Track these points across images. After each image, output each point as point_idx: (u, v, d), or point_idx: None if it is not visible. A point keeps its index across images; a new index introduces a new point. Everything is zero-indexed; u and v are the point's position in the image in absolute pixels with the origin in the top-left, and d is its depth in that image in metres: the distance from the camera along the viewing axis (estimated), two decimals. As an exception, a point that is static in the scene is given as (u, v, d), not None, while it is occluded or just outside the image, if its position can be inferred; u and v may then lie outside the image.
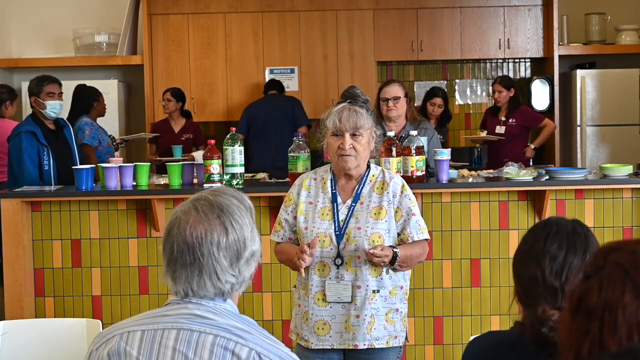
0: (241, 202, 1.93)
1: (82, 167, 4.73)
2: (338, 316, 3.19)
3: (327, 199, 3.23)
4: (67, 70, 8.02)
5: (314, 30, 8.03)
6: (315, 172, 3.37)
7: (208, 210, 1.87)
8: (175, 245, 1.86)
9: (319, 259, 3.18)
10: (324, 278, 3.19)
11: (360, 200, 3.21)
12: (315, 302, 3.21)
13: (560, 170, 4.93)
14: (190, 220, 1.85)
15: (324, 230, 3.18)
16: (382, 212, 3.18)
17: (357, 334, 3.17)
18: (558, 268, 1.93)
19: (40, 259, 4.80)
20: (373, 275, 3.18)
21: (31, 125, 5.25)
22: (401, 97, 5.01)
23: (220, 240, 1.85)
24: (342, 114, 3.16)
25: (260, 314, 4.80)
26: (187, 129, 7.45)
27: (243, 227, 1.88)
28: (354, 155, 3.16)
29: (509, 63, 8.49)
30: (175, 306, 1.89)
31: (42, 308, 4.81)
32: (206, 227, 1.85)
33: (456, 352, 4.77)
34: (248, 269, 1.90)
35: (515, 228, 4.75)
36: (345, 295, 3.17)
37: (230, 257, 1.86)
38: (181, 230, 1.85)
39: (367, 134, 3.19)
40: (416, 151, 4.50)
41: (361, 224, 3.17)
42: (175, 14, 8.00)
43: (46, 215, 4.78)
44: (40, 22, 8.27)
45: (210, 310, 1.86)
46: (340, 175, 3.25)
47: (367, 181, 3.24)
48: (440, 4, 8.01)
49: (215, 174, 4.60)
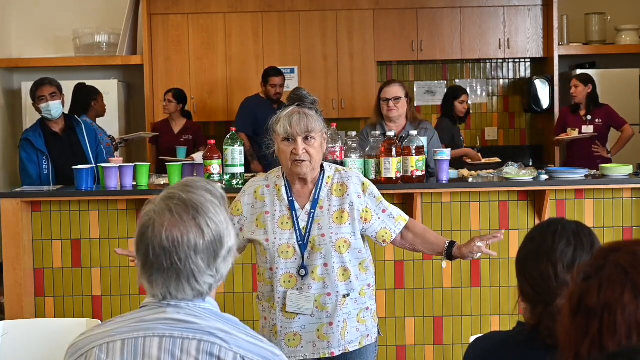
0: (214, 195, 1.86)
1: (82, 167, 4.73)
2: (308, 325, 3.10)
3: (284, 207, 3.10)
4: (67, 70, 8.02)
5: (314, 30, 8.03)
6: (266, 178, 3.21)
7: (183, 212, 1.79)
8: (150, 249, 1.78)
9: (284, 270, 3.08)
10: (290, 289, 3.09)
11: (319, 205, 3.09)
12: (283, 314, 3.11)
13: (560, 170, 4.93)
14: (165, 223, 1.78)
15: (285, 241, 3.06)
16: (345, 216, 3.09)
17: (332, 342, 3.10)
18: (569, 262, 1.94)
19: (40, 259, 4.80)
20: (342, 280, 3.09)
21: (33, 131, 5.32)
22: (402, 97, 5.02)
23: (197, 242, 1.78)
24: (292, 118, 3.04)
25: (260, 314, 4.79)
26: (187, 130, 7.45)
27: (219, 225, 1.82)
28: (308, 160, 3.04)
29: (509, 63, 8.49)
30: (153, 310, 1.82)
31: (42, 308, 4.81)
32: (182, 230, 1.77)
33: (456, 352, 4.77)
34: (226, 266, 1.84)
35: (515, 228, 4.74)
36: (306, 308, 3.07)
37: (208, 258, 1.80)
38: (156, 234, 1.77)
39: (319, 137, 3.06)
40: (416, 151, 4.50)
41: (324, 231, 3.06)
42: (175, 14, 8.00)
43: (46, 215, 4.78)
44: (40, 22, 8.27)
45: (190, 313, 1.80)
46: (295, 180, 3.12)
47: (323, 184, 3.12)
48: (440, 4, 8.01)
49: (215, 174, 4.60)
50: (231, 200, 2.40)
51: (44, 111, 5.27)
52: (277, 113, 3.14)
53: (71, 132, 5.41)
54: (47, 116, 5.28)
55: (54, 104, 5.28)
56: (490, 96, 8.51)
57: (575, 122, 7.04)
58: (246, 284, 4.80)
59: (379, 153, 4.50)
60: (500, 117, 8.53)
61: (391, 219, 3.17)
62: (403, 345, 4.74)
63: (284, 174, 3.15)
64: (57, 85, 5.36)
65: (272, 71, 7.25)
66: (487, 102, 8.51)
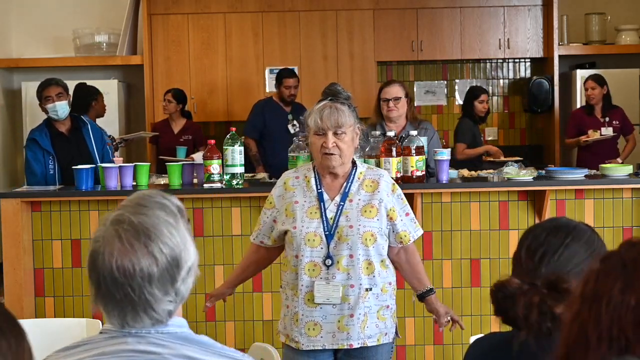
0: (169, 212, 1.72)
1: (82, 167, 4.73)
2: (329, 316, 3.14)
3: (313, 198, 3.17)
4: (67, 70, 8.01)
5: (314, 30, 8.03)
6: (296, 170, 3.31)
7: (133, 238, 1.65)
8: (101, 279, 1.65)
9: (309, 258, 3.13)
10: (314, 278, 3.13)
11: (349, 198, 3.16)
12: (305, 302, 3.15)
13: (560, 170, 4.93)
14: (114, 252, 1.64)
15: (313, 230, 3.12)
16: (373, 211, 3.15)
17: (352, 333, 3.14)
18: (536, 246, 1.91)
19: (40, 259, 4.80)
20: (366, 274, 3.14)
21: (39, 131, 5.32)
22: (402, 98, 5.02)
23: (151, 271, 1.64)
24: (323, 112, 3.11)
25: (260, 314, 4.80)
26: (187, 130, 7.45)
27: (174, 249, 1.67)
28: (338, 154, 3.10)
29: (509, 63, 8.49)
30: (114, 340, 1.70)
31: (42, 308, 4.81)
32: (133, 260, 1.64)
33: (456, 352, 4.77)
34: (186, 287, 1.71)
35: (515, 228, 4.74)
36: (334, 297, 3.11)
37: (164, 285, 1.66)
38: (106, 263, 1.64)
39: (350, 131, 3.13)
40: (416, 151, 4.50)
41: (352, 222, 3.12)
42: (175, 14, 8.00)
43: (46, 215, 4.78)
44: (40, 22, 8.27)
45: (153, 341, 1.68)
46: (325, 173, 3.19)
47: (354, 179, 3.19)
48: (440, 4, 8.01)
49: (215, 174, 4.60)
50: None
51: (51, 111, 5.27)
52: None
53: (77, 133, 5.41)
54: (53, 116, 5.29)
55: (61, 105, 5.28)
56: (490, 96, 8.51)
57: (593, 124, 6.96)
58: (246, 283, 4.80)
59: (379, 153, 4.50)
60: (500, 117, 8.53)
61: (412, 223, 3.26)
62: (403, 345, 4.74)
63: (315, 167, 3.22)
64: (64, 86, 5.38)
65: (286, 72, 7.14)
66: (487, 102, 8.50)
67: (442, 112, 8.54)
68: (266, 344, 3.01)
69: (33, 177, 5.25)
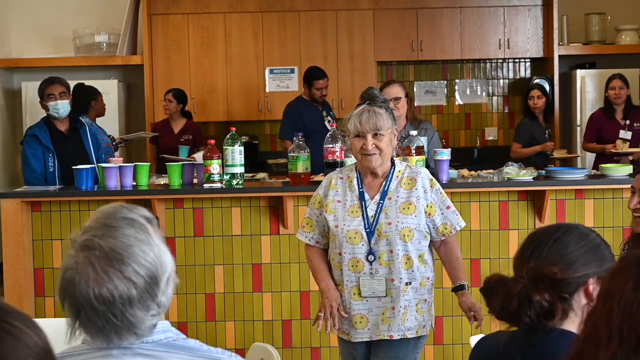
0: (138, 227, 1.68)
1: (82, 167, 4.73)
2: (374, 309, 3.31)
3: (354, 197, 3.33)
4: (67, 70, 8.00)
5: (314, 30, 8.03)
6: (340, 171, 3.48)
7: (107, 266, 1.61)
8: (80, 309, 1.62)
9: (351, 255, 3.29)
10: (358, 274, 3.29)
11: (388, 196, 3.31)
12: (351, 296, 3.31)
13: (560, 170, 4.93)
14: (90, 282, 1.61)
15: (354, 228, 3.28)
16: (412, 207, 3.29)
17: (393, 325, 3.29)
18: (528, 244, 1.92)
19: (40, 259, 4.80)
20: (405, 268, 3.28)
21: (39, 127, 5.31)
22: (402, 98, 5.01)
23: (130, 294, 1.62)
24: (362, 116, 3.26)
25: (260, 314, 4.80)
26: (187, 130, 7.44)
27: (150, 268, 1.65)
28: (378, 153, 3.26)
29: (509, 63, 8.49)
30: (98, 353, 1.68)
31: (42, 308, 4.81)
32: (110, 287, 1.61)
33: (456, 352, 4.78)
34: (167, 296, 1.69)
35: (515, 228, 4.74)
36: (379, 290, 3.28)
37: (145, 303, 1.64)
38: (83, 294, 1.61)
39: (389, 133, 3.28)
40: (416, 151, 4.50)
41: (391, 219, 3.27)
42: (175, 14, 8.00)
43: (46, 215, 4.79)
44: (40, 22, 8.27)
45: (139, 352, 1.67)
46: (367, 173, 3.35)
47: (393, 177, 3.34)
48: (440, 4, 8.01)
49: (215, 174, 4.60)
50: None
51: (52, 109, 5.27)
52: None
53: (75, 133, 5.42)
54: (54, 114, 5.29)
55: (62, 103, 5.29)
56: (490, 96, 8.51)
57: (613, 127, 6.68)
58: (246, 283, 4.80)
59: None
60: (500, 117, 8.53)
61: (454, 216, 3.38)
62: (403, 345, 4.74)
63: (357, 168, 3.39)
64: (67, 86, 5.40)
65: (316, 74, 6.87)
66: (487, 102, 8.50)
67: (442, 112, 8.54)
68: (266, 344, 3.01)
69: (32, 174, 5.23)
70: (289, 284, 4.79)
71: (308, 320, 4.77)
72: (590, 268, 1.85)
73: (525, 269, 1.86)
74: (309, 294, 4.78)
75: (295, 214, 4.75)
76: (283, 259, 4.80)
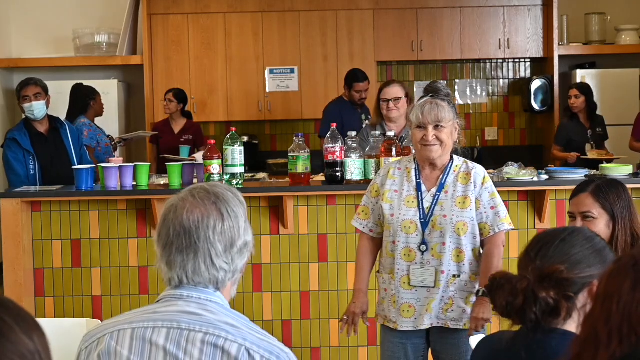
0: (235, 195, 1.95)
1: (82, 167, 4.73)
2: (422, 299, 3.34)
3: (411, 188, 3.37)
4: (67, 70, 8.02)
5: (314, 30, 8.03)
6: (399, 162, 3.52)
7: (205, 197, 1.89)
8: (171, 230, 1.87)
9: (404, 244, 3.33)
10: (410, 263, 3.34)
11: (444, 189, 3.35)
12: (401, 285, 3.36)
13: (560, 170, 4.93)
14: (187, 206, 1.88)
15: (410, 218, 3.33)
16: (467, 202, 3.33)
17: (440, 315, 3.34)
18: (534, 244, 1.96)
19: (40, 259, 4.80)
20: (455, 261, 3.32)
21: (18, 131, 5.33)
22: (402, 98, 5.02)
23: (217, 225, 1.87)
24: (424, 108, 3.31)
25: (260, 314, 4.80)
26: (187, 130, 7.44)
27: (238, 216, 1.90)
28: (439, 144, 3.30)
29: (509, 63, 8.49)
30: (166, 303, 1.88)
31: (42, 308, 4.81)
32: (202, 211, 1.87)
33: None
34: (241, 259, 1.91)
35: (515, 228, 4.73)
36: (428, 280, 3.32)
37: (225, 243, 1.87)
38: (178, 215, 1.87)
39: (450, 126, 3.32)
40: (416, 151, 4.50)
41: (447, 212, 3.31)
42: (175, 14, 8.00)
43: (46, 215, 4.78)
44: (40, 22, 8.27)
45: (201, 307, 1.86)
46: (425, 165, 3.39)
47: (451, 171, 3.38)
48: (440, 4, 8.01)
49: (215, 174, 4.60)
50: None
51: (27, 111, 5.29)
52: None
53: (56, 133, 5.42)
54: (30, 116, 5.31)
55: (37, 105, 5.29)
56: (490, 96, 8.51)
57: None
58: (246, 284, 4.80)
59: (379, 153, 4.50)
60: (500, 117, 8.53)
61: (496, 217, 3.37)
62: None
63: (415, 159, 3.43)
64: (43, 86, 5.37)
65: (356, 77, 6.71)
66: (487, 102, 8.50)
67: (442, 112, 8.52)
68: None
69: (16, 178, 5.25)
70: (289, 284, 4.79)
71: (308, 320, 4.78)
72: (595, 270, 1.88)
73: (531, 267, 1.88)
74: (309, 294, 4.79)
75: (295, 214, 4.75)
76: (283, 259, 4.80)
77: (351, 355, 4.80)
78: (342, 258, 4.78)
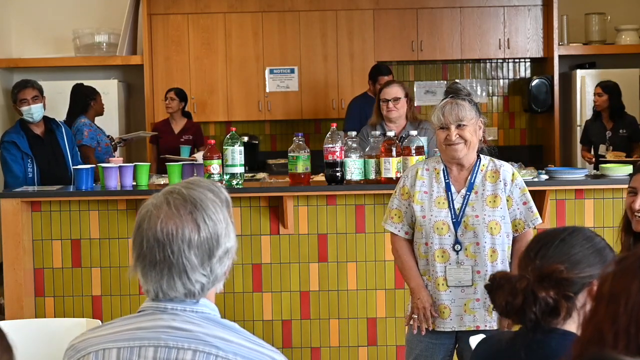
0: (217, 195, 1.83)
1: (82, 167, 4.73)
2: (457, 300, 3.35)
3: (441, 189, 3.37)
4: (67, 70, 8.02)
5: (314, 30, 8.03)
6: (426, 162, 3.49)
7: (180, 205, 1.77)
8: (145, 241, 1.76)
9: (438, 245, 3.33)
10: (445, 264, 3.33)
11: (474, 190, 3.35)
12: (436, 287, 3.35)
13: (560, 170, 4.93)
14: (161, 216, 1.76)
15: (442, 219, 3.33)
16: (498, 200, 3.33)
17: (478, 316, 3.33)
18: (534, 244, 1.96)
19: (40, 259, 4.80)
20: (490, 261, 3.31)
21: (16, 133, 5.33)
22: (401, 98, 5.01)
23: (192, 237, 1.75)
24: (445, 108, 3.32)
25: (260, 314, 4.80)
26: (188, 130, 7.44)
27: (217, 224, 1.78)
28: (463, 143, 3.29)
29: (509, 63, 8.49)
30: (150, 317, 1.79)
31: (42, 308, 4.81)
32: (177, 223, 1.75)
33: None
34: (221, 267, 1.80)
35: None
36: (465, 280, 3.32)
37: (202, 255, 1.76)
38: (151, 226, 1.76)
39: (472, 124, 3.31)
40: (416, 151, 4.50)
41: (478, 212, 3.31)
42: (175, 14, 8.00)
43: (46, 215, 4.78)
44: (40, 22, 8.27)
45: (187, 320, 1.77)
46: (452, 165, 3.38)
47: (478, 170, 3.37)
48: (440, 4, 8.01)
49: (215, 174, 4.60)
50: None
51: (26, 114, 5.29)
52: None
53: (52, 135, 5.42)
54: (28, 119, 5.31)
55: (36, 107, 5.29)
56: (490, 96, 8.51)
57: None
58: (246, 284, 4.80)
59: (379, 153, 4.50)
60: (500, 117, 8.53)
61: (530, 212, 3.39)
62: (403, 345, 4.74)
63: (442, 160, 3.42)
64: (39, 88, 5.38)
65: (382, 70, 6.64)
66: (487, 102, 8.50)
67: (442, 112, 8.53)
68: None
69: (14, 179, 5.26)
70: (289, 284, 4.79)
71: (308, 320, 4.77)
72: (595, 270, 1.88)
73: (530, 267, 1.88)
74: (309, 294, 4.78)
75: (295, 214, 4.75)
76: (283, 259, 4.80)
77: (351, 355, 4.80)
78: (342, 258, 4.78)
